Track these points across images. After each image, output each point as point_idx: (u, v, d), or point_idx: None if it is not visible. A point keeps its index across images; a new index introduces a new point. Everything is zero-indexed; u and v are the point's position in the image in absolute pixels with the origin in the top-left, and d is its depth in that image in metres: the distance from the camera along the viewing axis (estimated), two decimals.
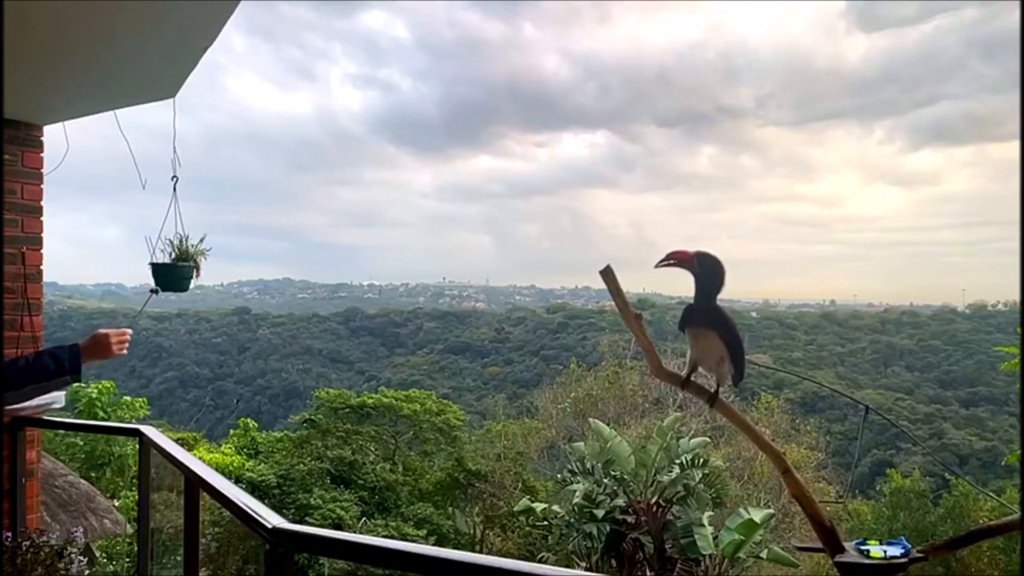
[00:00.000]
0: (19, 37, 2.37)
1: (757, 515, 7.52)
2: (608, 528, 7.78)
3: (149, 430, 3.29)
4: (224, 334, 50.84)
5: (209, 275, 3.38)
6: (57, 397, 3.59)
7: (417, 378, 41.58)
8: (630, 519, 7.85)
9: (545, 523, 8.88)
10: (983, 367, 37.32)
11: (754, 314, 50.87)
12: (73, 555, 2.81)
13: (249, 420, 14.64)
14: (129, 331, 2.63)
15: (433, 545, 10.17)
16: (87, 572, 2.89)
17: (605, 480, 8.16)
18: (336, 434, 13.24)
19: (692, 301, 2.70)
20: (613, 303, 2.71)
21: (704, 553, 7.38)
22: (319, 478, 11.85)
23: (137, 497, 3.89)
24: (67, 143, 3.70)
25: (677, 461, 8.06)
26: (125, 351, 2.60)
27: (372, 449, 13.70)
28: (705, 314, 2.66)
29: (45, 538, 2.78)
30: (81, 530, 3.48)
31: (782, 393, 21.71)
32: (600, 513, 7.77)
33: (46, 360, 2.41)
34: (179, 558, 2.62)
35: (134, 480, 8.98)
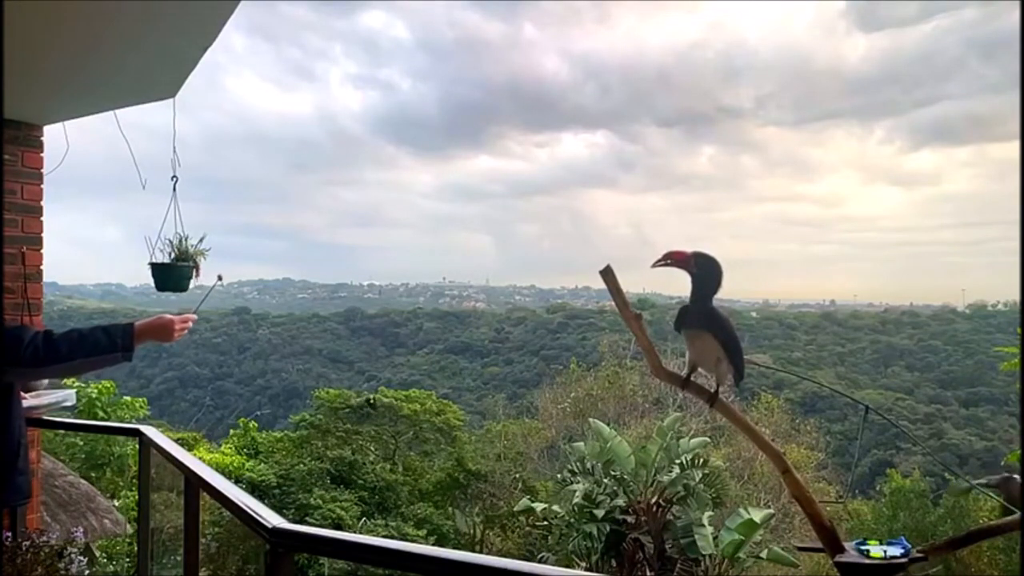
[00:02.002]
0: (19, 37, 2.37)
1: (757, 515, 7.54)
2: (608, 528, 7.78)
3: (149, 430, 3.29)
4: (224, 334, 50.76)
5: (209, 275, 3.36)
6: (68, 395, 3.58)
7: (417, 378, 41.56)
8: (630, 519, 7.86)
9: (545, 523, 8.89)
10: (983, 367, 37.29)
11: (754, 314, 50.82)
12: (73, 555, 2.80)
13: (249, 420, 14.65)
14: (194, 317, 2.64)
15: (433, 545, 10.17)
16: (87, 572, 2.89)
17: (605, 480, 8.17)
18: (336, 434, 13.25)
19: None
20: (613, 303, 2.69)
21: (704, 553, 7.38)
22: (319, 478, 11.86)
23: (137, 497, 3.89)
24: (67, 143, 3.70)
25: (677, 461, 8.07)
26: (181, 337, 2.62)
27: (372, 449, 13.71)
28: (700, 315, 2.63)
29: (45, 538, 2.77)
30: (81, 530, 3.48)
31: (782, 393, 21.71)
32: (600, 513, 7.77)
33: (98, 335, 2.37)
34: (179, 558, 2.62)
35: (134, 480, 8.97)
